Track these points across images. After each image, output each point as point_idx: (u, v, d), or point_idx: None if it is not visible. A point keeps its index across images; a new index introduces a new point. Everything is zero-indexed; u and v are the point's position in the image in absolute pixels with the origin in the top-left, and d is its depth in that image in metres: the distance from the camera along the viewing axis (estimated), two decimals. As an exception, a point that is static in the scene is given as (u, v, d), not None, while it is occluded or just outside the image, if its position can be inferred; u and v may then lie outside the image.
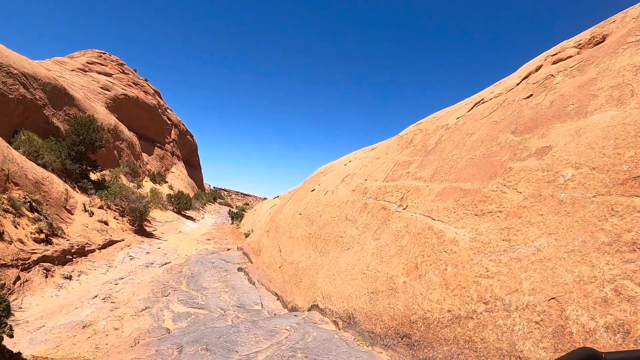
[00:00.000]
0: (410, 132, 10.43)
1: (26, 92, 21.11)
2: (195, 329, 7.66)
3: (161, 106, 44.30)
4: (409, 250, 6.18)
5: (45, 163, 18.39)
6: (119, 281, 12.40)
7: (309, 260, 10.26)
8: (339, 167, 13.90)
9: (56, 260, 12.49)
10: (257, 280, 12.26)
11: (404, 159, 9.15)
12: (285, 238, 12.88)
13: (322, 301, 7.78)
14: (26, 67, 21.94)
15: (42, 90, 22.69)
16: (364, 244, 7.81)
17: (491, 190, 5.49)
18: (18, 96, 20.45)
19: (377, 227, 7.82)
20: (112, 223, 19.32)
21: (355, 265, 7.55)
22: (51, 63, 32.26)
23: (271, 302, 10.28)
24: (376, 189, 9.08)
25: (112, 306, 9.87)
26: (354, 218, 9.20)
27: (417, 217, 6.64)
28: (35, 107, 21.75)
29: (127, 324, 8.47)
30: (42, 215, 13.93)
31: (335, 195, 11.33)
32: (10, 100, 19.99)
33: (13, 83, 20.30)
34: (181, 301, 10.01)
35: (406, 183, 8.02)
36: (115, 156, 29.97)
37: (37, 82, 22.33)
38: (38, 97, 22.05)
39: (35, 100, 21.76)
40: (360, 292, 6.75)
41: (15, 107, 20.39)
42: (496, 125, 6.83)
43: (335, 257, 8.76)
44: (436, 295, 5.07)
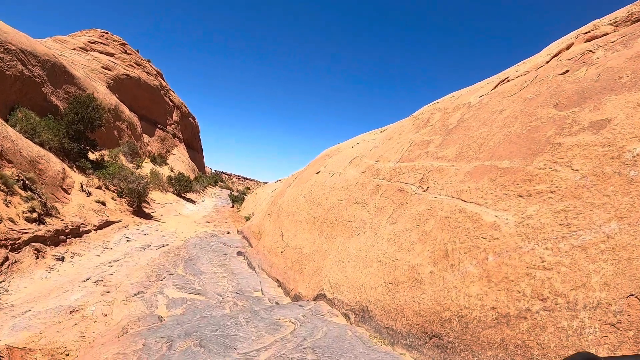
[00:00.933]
0: (427, 111, 9.51)
1: (24, 68, 20.09)
2: (189, 317, 6.81)
3: (163, 87, 43.14)
4: (435, 236, 5.30)
5: (43, 141, 17.43)
6: (114, 263, 11.53)
7: (313, 245, 9.39)
8: (345, 150, 12.99)
9: (48, 240, 11.62)
10: (257, 265, 11.41)
11: (422, 138, 8.24)
12: (287, 222, 12.00)
13: (330, 291, 6.92)
14: (24, 44, 20.89)
15: (41, 67, 21.65)
16: (378, 229, 6.93)
17: (538, 168, 4.59)
18: (15, 73, 19.43)
19: (393, 210, 6.93)
20: (110, 204, 18.43)
21: (368, 251, 6.68)
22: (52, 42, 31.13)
23: (272, 289, 9.43)
24: (390, 170, 8.18)
25: (103, 290, 9.01)
26: (364, 201, 8.31)
27: (442, 199, 5.74)
28: (33, 85, 20.74)
29: (117, 310, 7.61)
30: (36, 194, 13.04)
31: (343, 177, 10.43)
32: (7, 76, 18.98)
33: (10, 59, 19.27)
34: (177, 286, 9.14)
35: (426, 163, 7.12)
36: (115, 136, 28.97)
37: (36, 59, 21.29)
38: (36, 75, 21.02)
39: (34, 77, 20.74)
40: (376, 282, 5.88)
41: (13, 84, 19.40)
42: (531, 100, 5.99)
43: (344, 242, 7.89)
44: (475, 289, 4.19)
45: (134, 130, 33.05)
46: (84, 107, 20.66)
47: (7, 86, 19.00)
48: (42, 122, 18.79)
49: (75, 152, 19.60)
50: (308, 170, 14.55)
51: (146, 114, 38.46)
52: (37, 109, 20.37)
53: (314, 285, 7.80)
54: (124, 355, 4.73)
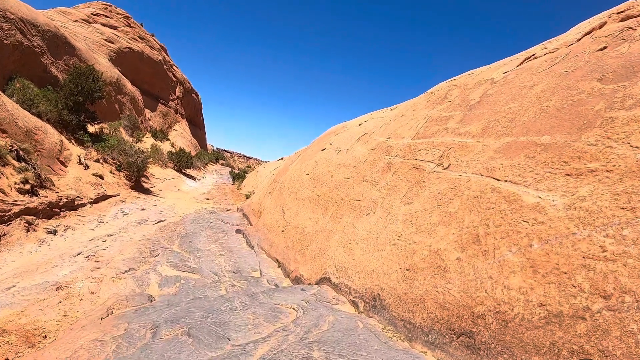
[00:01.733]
0: (443, 87, 8.74)
1: (23, 38, 19.18)
2: (182, 298, 6.13)
3: (167, 62, 42.05)
4: (461, 217, 4.57)
5: (40, 112, 16.61)
6: (108, 238, 10.85)
7: (317, 224, 8.70)
8: (353, 127, 12.22)
9: (41, 213, 10.93)
10: (256, 243, 10.73)
11: (439, 114, 7.49)
12: (289, 200, 11.29)
13: (336, 274, 6.23)
14: (25, 13, 19.94)
15: (41, 37, 20.73)
16: (391, 209, 6.21)
17: (588, 144, 3.85)
18: (14, 42, 18.53)
19: (408, 189, 6.20)
20: (108, 177, 17.71)
21: (379, 233, 5.96)
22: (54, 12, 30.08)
23: (271, 270, 8.76)
24: (404, 147, 7.44)
25: (94, 265, 8.34)
26: (374, 179, 7.58)
27: (469, 177, 5.01)
28: (32, 55, 19.87)
29: (105, 288, 6.92)
30: (30, 165, 12.30)
31: (350, 154, 9.69)
32: (6, 46, 18.10)
33: (9, 28, 18.36)
34: (171, 263, 8.46)
35: (446, 139, 6.37)
36: (116, 110, 28.12)
37: (36, 29, 20.35)
38: (36, 45, 20.12)
39: (33, 47, 19.85)
40: (390, 267, 5.17)
41: (11, 54, 18.53)
42: (568, 75, 5.27)
43: (351, 222, 7.18)
44: (517, 280, 3.48)
45: (136, 105, 32.16)
46: (84, 78, 19.83)
47: (5, 55, 18.16)
48: (40, 92, 17.98)
49: (74, 124, 18.81)
50: (312, 148, 13.78)
51: (148, 88, 37.52)
52: (36, 79, 19.55)
53: (316, 267, 7.12)
54: (102, 342, 4.03)
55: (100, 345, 3.96)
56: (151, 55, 37.67)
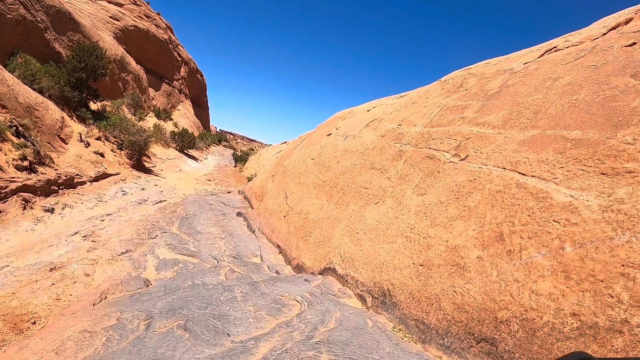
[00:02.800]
0: (458, 76, 8.33)
1: (26, 12, 18.63)
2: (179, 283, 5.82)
3: (172, 42, 41.31)
4: (482, 212, 4.22)
5: (42, 88, 16.19)
6: (106, 217, 10.53)
7: (321, 211, 8.37)
8: (360, 113, 11.82)
9: (39, 190, 10.60)
10: (257, 228, 10.41)
11: (455, 103, 7.10)
12: (293, 184, 10.94)
13: (342, 265, 5.90)
14: (28, -13, 19.44)
15: (45, 12, 20.15)
16: (402, 199, 5.86)
17: (625, 143, 3.49)
18: (17, 16, 17.99)
19: (421, 179, 5.85)
20: (109, 156, 17.34)
21: (389, 224, 5.62)
22: (59, -14, 29.43)
23: (272, 256, 8.45)
24: (416, 135, 7.07)
25: (91, 245, 8.03)
26: (383, 167, 7.22)
27: (490, 169, 4.65)
28: (35, 30, 19.34)
29: (100, 270, 6.61)
30: (29, 142, 11.94)
31: (358, 140, 9.31)
32: (8, 20, 17.57)
33: (12, 2, 17.79)
34: (169, 246, 8.14)
35: (462, 129, 6.00)
36: (119, 88, 27.64)
37: (40, 4, 19.77)
38: (40, 20, 19.57)
39: (37, 22, 19.31)
40: (402, 261, 4.84)
41: (14, 28, 18.02)
42: (597, 69, 4.90)
43: (358, 211, 6.84)
44: (546, 285, 3.14)
45: (140, 83, 31.66)
46: (88, 55, 19.38)
47: (7, 30, 17.67)
48: (42, 68, 17.55)
49: (76, 101, 18.38)
50: (318, 132, 13.38)
51: (153, 67, 36.92)
52: (39, 55, 19.08)
53: (320, 256, 6.80)
54: (91, 333, 3.72)
55: (89, 337, 3.64)
56: (157, 34, 36.97)
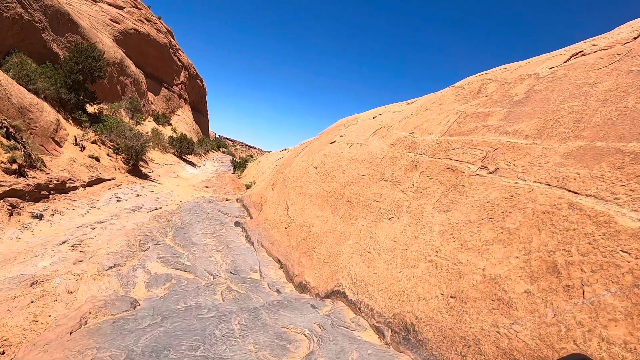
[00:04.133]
0: (474, 81, 7.72)
1: (24, 12, 17.97)
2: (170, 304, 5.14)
3: (172, 46, 40.69)
4: (526, 237, 3.56)
5: (38, 89, 15.51)
6: (97, 225, 9.83)
7: (325, 224, 7.70)
8: (366, 120, 11.19)
9: (27, 195, 9.91)
10: (256, 239, 9.72)
11: (475, 109, 6.47)
12: (294, 194, 10.28)
13: (353, 289, 5.21)
14: (26, -15, 18.80)
15: (43, 12, 19.50)
16: (421, 216, 5.20)
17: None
18: (14, 15, 17.34)
19: (442, 194, 5.19)
20: (105, 160, 16.64)
21: (408, 244, 4.96)
22: (59, -13, 28.82)
23: (272, 271, 7.77)
24: (433, 145, 6.43)
25: (78, 257, 7.34)
26: (395, 178, 6.58)
27: (531, 186, 3.99)
28: (33, 30, 18.69)
29: (84, 288, 5.91)
30: (20, 144, 11.24)
31: (366, 149, 8.66)
32: (5, 18, 16.91)
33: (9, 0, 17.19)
34: (162, 259, 7.45)
35: (488, 138, 5.36)
36: (118, 91, 26.96)
37: (38, 4, 19.11)
38: (37, 19, 18.91)
39: (34, 22, 18.64)
40: (427, 290, 4.16)
41: (10, 27, 17.36)
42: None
43: (368, 227, 6.17)
44: (620, 332, 2.48)
45: (139, 87, 30.98)
46: (85, 56, 18.71)
47: (3, 29, 17.00)
48: (39, 69, 16.86)
49: (72, 103, 17.68)
50: (320, 140, 12.73)
51: (153, 71, 36.26)
52: (36, 55, 18.38)
53: (326, 275, 6.12)
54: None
55: (56, 382, 2.97)
56: (157, 38, 36.36)
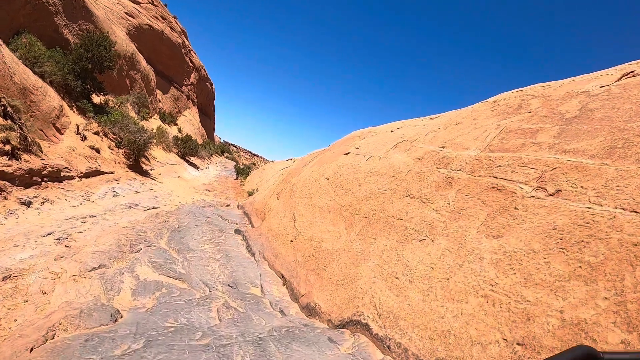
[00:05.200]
0: (512, 97, 6.98)
1: (38, -9, 17.49)
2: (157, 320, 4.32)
3: (185, 46, 40.14)
4: (616, 274, 2.75)
5: (44, 73, 14.81)
6: (89, 219, 9.04)
7: (338, 240, 6.90)
8: (383, 133, 10.44)
9: (17, 179, 9.14)
10: (258, 250, 8.89)
11: (519, 125, 5.71)
12: (302, 205, 9.47)
13: (378, 321, 4.36)
14: (41, -35, 18.22)
15: (58, -5, 19.03)
16: (464, 240, 4.39)
17: None
18: (27, -6, 16.85)
19: (488, 216, 4.40)
20: (105, 153, 15.87)
21: (450, 272, 4.13)
22: (78, -24, 28.35)
23: (275, 287, 6.93)
24: (471, 161, 5.64)
25: (61, 252, 6.53)
26: (424, 196, 5.78)
27: (612, 212, 3.19)
28: (45, 12, 18.10)
29: (60, 290, 5.08)
30: (17, 125, 10.50)
31: (386, 162, 7.88)
32: (17, -3, 16.41)
33: (23, -23, 16.67)
34: (154, 264, 6.62)
35: (542, 156, 4.59)
36: (126, 85, 26.31)
37: (52, -14, 18.65)
38: (51, 2, 18.34)
39: (47, 4, 18.07)
40: (483, 332, 3.32)
41: (22, 6, 16.77)
42: None
43: (393, 247, 5.35)
44: None
45: (148, 84, 30.34)
46: (96, 45, 18.09)
47: (15, 7, 16.39)
48: (47, 52, 16.20)
49: (78, 91, 16.99)
50: (333, 150, 11.94)
51: (163, 70, 35.67)
52: (46, 39, 17.73)
53: (341, 299, 5.28)
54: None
55: None
56: (171, 36, 35.83)
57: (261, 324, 4.89)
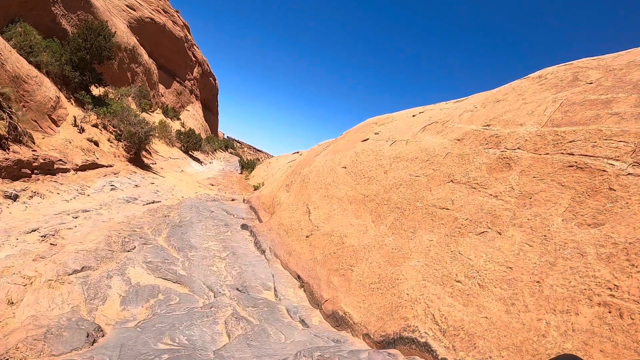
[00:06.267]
0: (561, 70, 5.94)
1: (32, -20, 16.50)
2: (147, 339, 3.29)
3: (188, 40, 38.99)
4: None
5: (39, 63, 13.80)
6: (81, 214, 8.02)
7: (364, 235, 5.85)
8: (403, 118, 9.37)
9: (4, 171, 8.19)
10: (268, 247, 7.84)
11: (583, 97, 4.66)
12: (317, 196, 8.41)
13: (443, 340, 3.23)
14: (37, -47, 17.18)
15: (54, -15, 18.05)
16: (547, 231, 3.31)
17: None
18: (21, -18, 15.86)
19: (572, 200, 3.36)
20: (104, 145, 14.86)
21: (540, 274, 3.05)
22: (77, -32, 27.28)
23: (290, 291, 5.89)
24: (532, 137, 4.57)
25: (44, 252, 5.51)
26: (474, 180, 4.73)
27: None
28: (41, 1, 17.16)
29: (30, 299, 4.03)
30: (6, 113, 9.52)
31: (415, 146, 6.83)
32: (10, -16, 15.40)
33: (15, -34, 15.67)
34: (149, 265, 5.58)
35: (631, 128, 3.56)
36: (128, 78, 25.29)
37: (50, -26, 17.66)
38: (48, -9, 17.43)
39: (44, -7, 17.16)
40: (615, 358, 2.30)
41: (17, -6, 15.83)
42: None
43: (444, 243, 4.29)
44: None
45: (150, 77, 29.30)
46: (94, 34, 17.02)
47: (8, -5, 15.46)
48: (44, 42, 15.19)
49: (76, 82, 15.97)
50: (347, 139, 10.84)
51: (165, 64, 34.59)
52: (43, 28, 16.69)
53: (380, 308, 4.22)
54: None
55: None
56: (173, 30, 34.73)
57: (280, 340, 3.86)
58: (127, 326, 3.72)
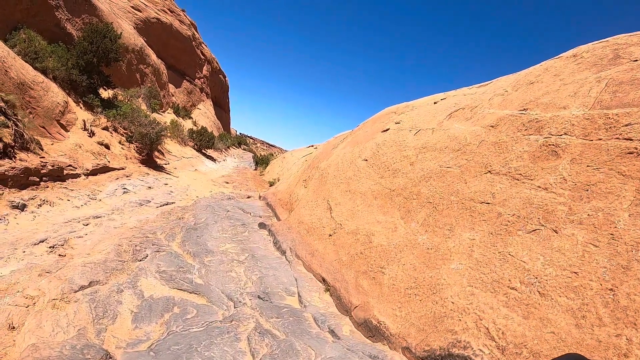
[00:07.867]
0: (598, 48, 5.40)
1: (35, -15, 16.17)
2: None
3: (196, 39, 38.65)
4: None
5: (46, 68, 13.54)
6: (92, 221, 7.73)
7: (394, 233, 5.41)
8: (424, 105, 8.89)
9: (11, 180, 7.90)
10: (288, 248, 7.45)
11: (632, 75, 4.14)
12: (338, 192, 7.99)
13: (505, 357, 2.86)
14: (39, -41, 16.88)
15: (57, -11, 17.72)
16: (613, 229, 2.83)
17: None
18: (23, -12, 15.55)
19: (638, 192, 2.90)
20: (116, 148, 14.59)
21: (613, 280, 2.59)
22: (82, -30, 27.03)
23: (315, 295, 5.49)
24: (580, 121, 4.08)
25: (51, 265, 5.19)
26: (515, 171, 4.26)
27: None
28: (45, 6, 16.82)
29: (32, 323, 3.67)
30: (11, 121, 9.24)
31: (444, 134, 6.35)
32: (11, -10, 15.12)
33: (17, -28, 15.36)
34: (163, 275, 5.21)
35: None
36: (137, 80, 25.03)
37: (52, -21, 17.31)
38: (50, -4, 17.11)
39: (47, -3, 16.84)
40: None
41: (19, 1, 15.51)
42: None
43: (488, 242, 3.84)
44: None
45: (159, 78, 29.02)
46: (100, 36, 16.74)
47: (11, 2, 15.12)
48: (49, 47, 14.92)
49: (84, 86, 15.70)
50: (366, 130, 10.38)
51: (174, 63, 34.31)
52: (47, 34, 16.41)
53: (421, 318, 3.79)
54: None
55: None
56: (180, 29, 34.39)
57: (310, 358, 3.46)
58: (139, 349, 3.35)
